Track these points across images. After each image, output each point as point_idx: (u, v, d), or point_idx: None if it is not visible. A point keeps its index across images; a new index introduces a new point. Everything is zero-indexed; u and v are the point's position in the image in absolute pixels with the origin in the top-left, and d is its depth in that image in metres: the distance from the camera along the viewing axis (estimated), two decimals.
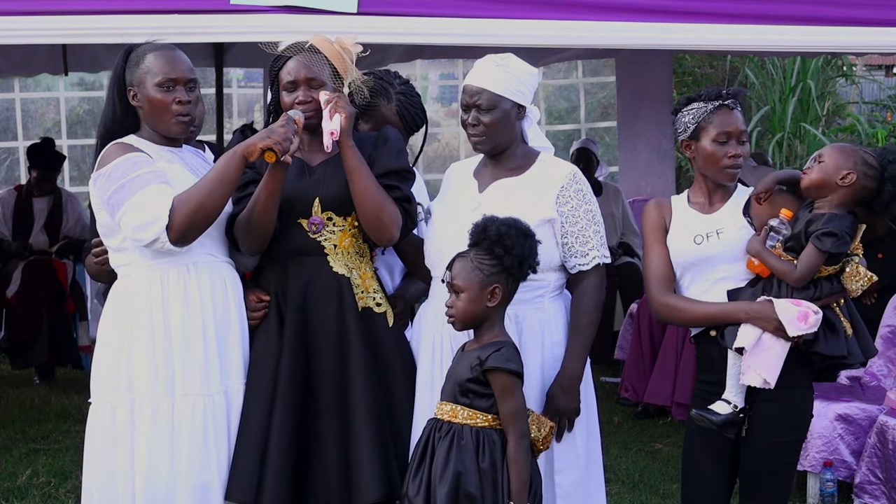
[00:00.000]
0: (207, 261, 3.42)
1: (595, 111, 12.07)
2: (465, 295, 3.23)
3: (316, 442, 3.43)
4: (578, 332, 3.44)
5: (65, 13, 4.19)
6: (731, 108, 3.45)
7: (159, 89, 3.38)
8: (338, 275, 3.47)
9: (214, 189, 3.28)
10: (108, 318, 3.42)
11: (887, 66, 15.17)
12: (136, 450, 3.34)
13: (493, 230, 3.23)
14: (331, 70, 3.45)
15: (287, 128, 3.29)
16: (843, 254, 3.39)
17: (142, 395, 3.34)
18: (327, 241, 3.48)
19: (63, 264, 8.13)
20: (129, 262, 3.41)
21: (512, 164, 3.52)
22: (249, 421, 3.41)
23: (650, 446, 6.24)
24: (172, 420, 3.33)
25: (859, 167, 3.40)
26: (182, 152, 3.50)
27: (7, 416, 6.89)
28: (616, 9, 4.28)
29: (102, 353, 3.41)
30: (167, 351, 3.34)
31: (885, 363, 5.57)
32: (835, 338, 3.38)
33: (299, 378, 3.43)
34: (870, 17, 4.33)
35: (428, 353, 3.50)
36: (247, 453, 3.38)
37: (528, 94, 3.50)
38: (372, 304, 3.52)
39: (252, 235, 3.42)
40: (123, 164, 3.31)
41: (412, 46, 7.93)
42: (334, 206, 3.47)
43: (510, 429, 3.19)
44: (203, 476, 3.34)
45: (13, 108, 10.96)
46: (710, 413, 3.40)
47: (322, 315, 3.46)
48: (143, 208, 3.25)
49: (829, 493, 5.07)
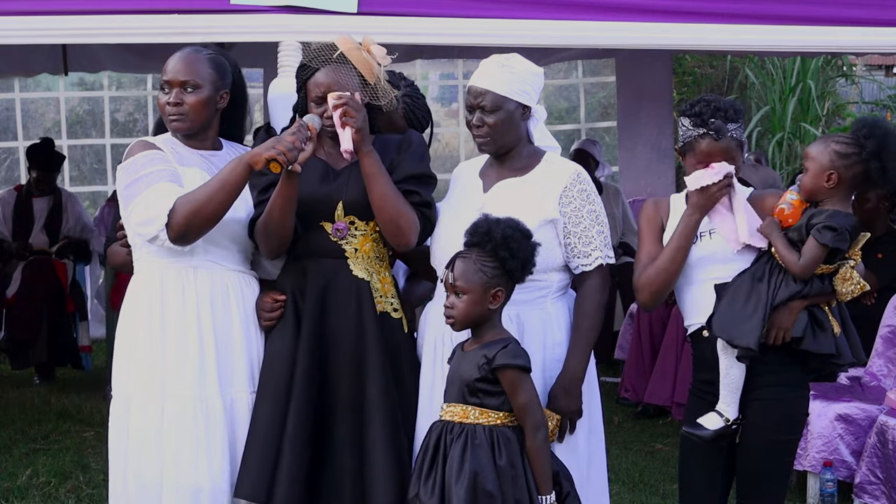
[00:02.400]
0: (209, 267, 3.43)
1: (595, 111, 12.07)
2: (467, 297, 3.23)
3: (330, 444, 3.42)
4: (581, 333, 3.44)
5: (65, 13, 4.19)
6: (714, 139, 3.41)
7: (160, 91, 3.46)
8: (357, 278, 3.47)
9: (215, 194, 3.30)
10: (122, 312, 3.49)
11: (887, 66, 15.19)
12: (128, 447, 3.39)
13: (498, 233, 3.22)
14: (359, 80, 3.42)
15: (297, 136, 3.28)
16: (841, 255, 3.38)
17: (137, 392, 3.38)
18: (349, 244, 3.47)
19: (63, 264, 8.14)
20: (138, 258, 3.48)
21: (517, 165, 3.52)
22: (263, 420, 3.40)
23: (650, 446, 6.24)
24: (162, 421, 3.34)
25: (837, 163, 3.38)
26: (218, 154, 3.52)
27: (7, 416, 6.88)
28: (616, 9, 4.28)
29: (116, 346, 3.49)
30: (162, 350, 3.36)
31: (885, 363, 5.57)
32: (823, 335, 3.38)
33: (315, 379, 3.42)
34: (870, 17, 4.33)
35: (430, 354, 3.49)
36: (260, 452, 3.37)
37: (533, 94, 3.49)
38: (389, 308, 3.52)
39: (270, 239, 3.42)
40: (141, 160, 3.39)
41: (412, 46, 7.92)
42: (357, 211, 3.46)
43: (525, 421, 3.20)
44: (191, 480, 3.33)
45: (13, 108, 10.96)
46: (699, 428, 3.41)
47: (340, 317, 3.45)
48: (148, 205, 3.32)
49: (829, 493, 5.06)
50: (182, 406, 3.35)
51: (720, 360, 3.41)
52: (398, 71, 3.93)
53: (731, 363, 3.38)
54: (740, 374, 3.39)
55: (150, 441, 3.35)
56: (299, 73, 3.49)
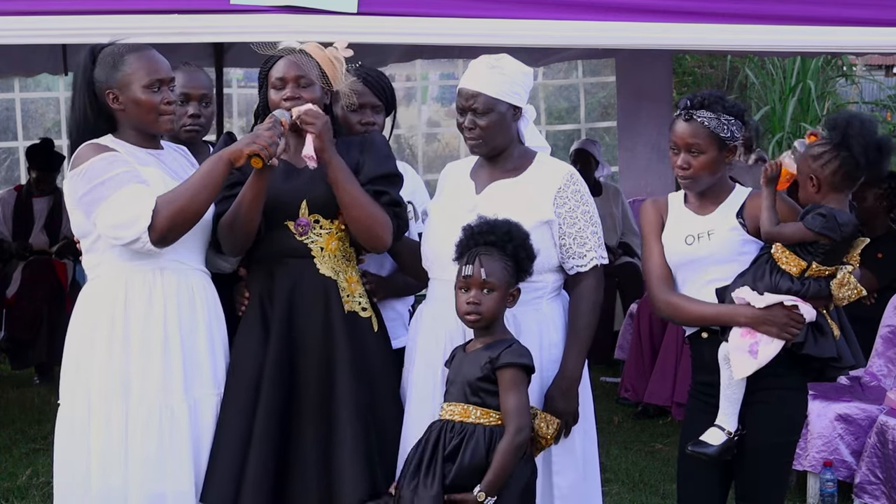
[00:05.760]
0: (175, 267, 3.39)
1: (595, 111, 12.06)
2: (496, 293, 3.23)
3: (298, 447, 3.41)
4: (577, 334, 3.44)
5: (65, 13, 4.19)
6: (684, 120, 3.42)
7: (147, 91, 3.37)
8: (324, 277, 3.46)
9: (199, 193, 3.28)
10: (74, 318, 3.42)
11: (887, 66, 15.18)
12: (90, 455, 3.32)
13: (518, 235, 3.25)
14: (319, 71, 3.44)
15: (273, 131, 3.29)
16: (839, 258, 3.38)
17: (97, 400, 3.33)
18: (314, 243, 3.47)
19: (63, 264, 8.13)
20: (97, 264, 3.40)
21: (509, 165, 3.51)
22: (229, 425, 3.39)
23: (650, 446, 6.23)
24: (126, 427, 3.31)
25: (812, 166, 3.37)
26: (162, 154, 3.49)
27: (7, 416, 6.88)
28: (616, 9, 4.27)
29: (67, 354, 3.41)
30: (125, 357, 3.31)
31: (885, 363, 5.56)
32: (823, 339, 3.38)
33: (284, 381, 3.41)
34: (870, 17, 4.32)
35: (424, 355, 3.49)
36: (226, 458, 3.36)
37: (523, 94, 3.49)
38: (357, 308, 3.51)
39: (236, 236, 3.41)
40: (99, 164, 3.29)
41: (412, 46, 7.92)
42: (321, 209, 3.45)
43: (510, 423, 3.19)
44: (157, 487, 3.30)
45: (13, 108, 10.95)
46: (704, 446, 3.40)
47: (308, 317, 3.44)
48: (121, 207, 3.24)
49: (829, 493, 5.06)
50: (147, 412, 3.31)
51: (721, 373, 3.40)
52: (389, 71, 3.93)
53: (732, 376, 3.38)
54: (741, 388, 3.39)
55: (115, 448, 3.30)
56: (261, 70, 3.50)
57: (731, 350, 3.35)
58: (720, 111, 3.40)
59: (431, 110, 13.09)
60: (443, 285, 3.39)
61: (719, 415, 3.40)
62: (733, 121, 3.41)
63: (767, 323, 3.32)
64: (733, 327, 3.37)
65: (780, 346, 3.34)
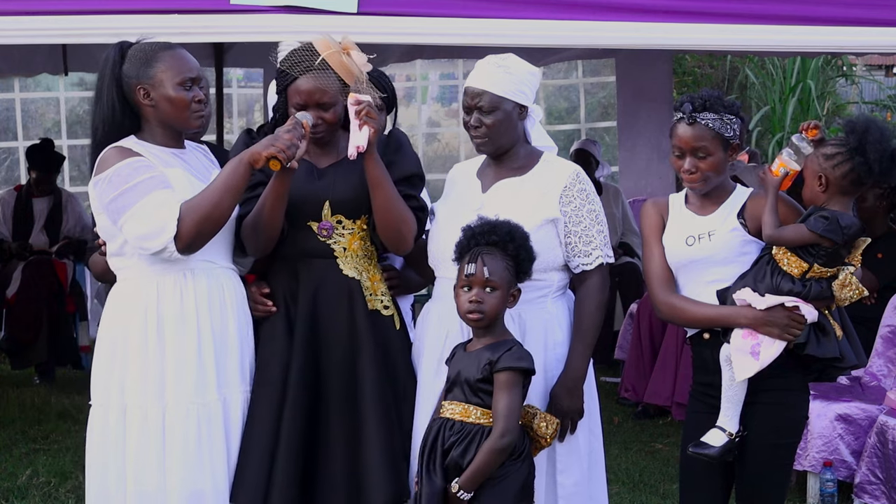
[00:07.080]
0: (205, 267, 3.39)
1: (595, 111, 12.07)
2: (498, 292, 3.23)
3: (325, 445, 3.42)
4: (582, 333, 3.44)
5: (65, 13, 4.19)
6: (687, 123, 3.40)
7: (180, 88, 3.35)
8: (348, 278, 3.46)
9: (222, 198, 3.27)
10: (106, 320, 3.42)
11: (887, 66, 15.20)
12: (126, 456, 3.33)
13: (519, 236, 3.25)
14: (339, 85, 3.39)
15: (293, 133, 3.27)
16: (841, 260, 3.37)
17: (133, 401, 3.33)
18: (337, 244, 3.47)
19: (63, 264, 8.13)
20: (126, 267, 3.40)
21: (515, 165, 3.52)
22: (258, 425, 3.39)
23: (650, 446, 6.24)
24: (163, 428, 3.31)
25: (825, 165, 3.35)
26: (185, 153, 3.48)
27: (7, 416, 6.88)
28: (616, 9, 4.28)
29: (99, 356, 3.41)
30: (160, 358, 3.32)
31: (885, 363, 5.56)
32: (826, 340, 3.37)
33: (309, 381, 3.42)
34: (870, 17, 4.33)
35: (431, 353, 3.49)
36: (255, 458, 3.37)
37: (529, 94, 3.49)
38: (380, 306, 3.52)
39: (259, 237, 3.41)
40: (124, 170, 3.28)
41: (412, 46, 7.92)
42: (344, 209, 3.45)
43: (497, 424, 3.18)
44: (196, 484, 3.32)
45: (13, 108, 10.96)
46: (705, 447, 3.39)
47: (333, 318, 3.45)
48: (147, 217, 3.23)
49: (829, 493, 5.06)
50: (185, 413, 3.32)
51: (723, 375, 3.40)
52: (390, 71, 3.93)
53: (733, 377, 3.38)
54: (742, 389, 3.39)
55: (152, 449, 3.31)
56: (279, 78, 3.47)
57: (732, 351, 3.35)
58: (722, 111, 3.39)
59: (431, 110, 13.10)
60: (449, 283, 3.40)
61: (720, 416, 3.40)
62: (734, 119, 3.41)
63: (769, 324, 3.32)
64: (735, 329, 3.37)
65: (781, 348, 3.33)
